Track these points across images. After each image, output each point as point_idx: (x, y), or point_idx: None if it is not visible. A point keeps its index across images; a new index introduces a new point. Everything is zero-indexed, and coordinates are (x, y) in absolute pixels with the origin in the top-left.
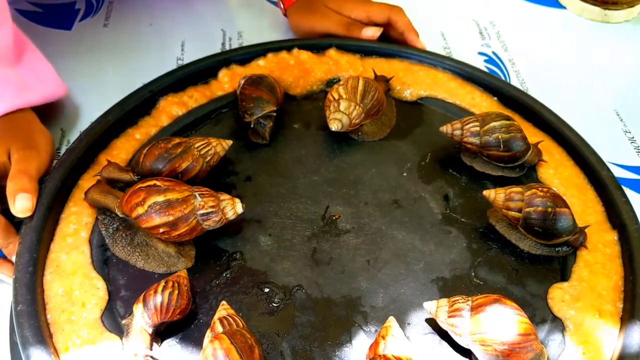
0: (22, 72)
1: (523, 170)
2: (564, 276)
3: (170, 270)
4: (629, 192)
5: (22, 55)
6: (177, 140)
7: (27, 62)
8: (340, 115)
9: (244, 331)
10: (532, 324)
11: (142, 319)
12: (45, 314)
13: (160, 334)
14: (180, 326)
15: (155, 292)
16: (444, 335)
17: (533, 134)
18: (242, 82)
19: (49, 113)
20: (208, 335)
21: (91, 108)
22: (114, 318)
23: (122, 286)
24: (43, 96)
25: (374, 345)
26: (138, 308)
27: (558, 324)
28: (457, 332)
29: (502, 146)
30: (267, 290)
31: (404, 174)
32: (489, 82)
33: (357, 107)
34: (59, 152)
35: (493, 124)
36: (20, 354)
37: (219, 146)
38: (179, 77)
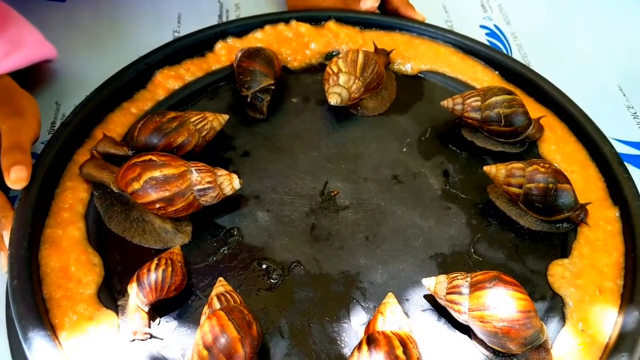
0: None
1: (524, 146)
2: (565, 253)
3: (167, 246)
4: (631, 168)
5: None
6: (172, 114)
7: (7, 30)
8: (340, 89)
9: (241, 307)
10: (532, 300)
11: (137, 299)
12: (41, 290)
13: (157, 311)
14: (178, 303)
15: (149, 270)
16: (443, 311)
17: (535, 109)
18: (239, 54)
19: (44, 85)
20: (205, 311)
21: (87, 81)
22: (111, 294)
23: (119, 262)
24: (27, 59)
25: (373, 322)
26: (132, 288)
27: (558, 300)
28: (456, 308)
29: (503, 121)
30: (265, 266)
31: (404, 150)
32: (490, 56)
33: (357, 81)
34: (54, 126)
35: (494, 98)
36: (16, 330)
37: (215, 121)
38: (175, 49)
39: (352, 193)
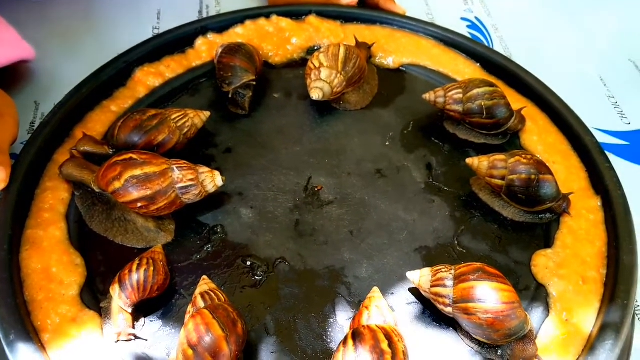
0: None
1: (506, 138)
2: (548, 243)
3: (150, 245)
4: (613, 158)
5: None
6: (152, 112)
7: None
8: (322, 83)
9: (226, 305)
10: (516, 291)
11: (120, 300)
12: (22, 292)
13: (141, 311)
14: (162, 302)
15: (130, 271)
16: (428, 304)
17: (517, 101)
18: (220, 50)
19: (22, 85)
20: (190, 310)
21: (66, 80)
22: (94, 295)
23: (101, 262)
24: (4, 60)
25: (358, 316)
26: (115, 289)
27: (542, 291)
28: (441, 301)
29: (485, 113)
30: (249, 263)
31: (387, 143)
32: (472, 49)
33: (339, 75)
34: (34, 126)
35: (476, 90)
36: None
37: (197, 117)
38: (155, 46)
39: (336, 188)
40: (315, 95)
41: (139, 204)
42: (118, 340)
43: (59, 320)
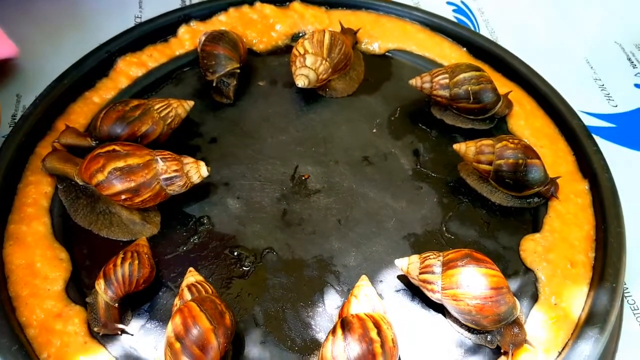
0: None
1: (493, 122)
2: (536, 227)
3: (135, 238)
4: (600, 141)
5: None
6: (135, 102)
7: None
8: (307, 70)
9: (213, 297)
10: (505, 276)
11: (105, 295)
12: (6, 288)
13: (127, 305)
14: (148, 295)
15: (115, 265)
16: (417, 291)
17: (503, 85)
18: (203, 38)
19: (3, 77)
20: (176, 303)
21: (47, 71)
22: (79, 289)
23: (86, 256)
24: None
25: (346, 304)
26: (100, 284)
27: (530, 275)
28: (429, 288)
29: (471, 98)
30: (237, 254)
31: (374, 130)
32: (458, 33)
33: (324, 62)
34: (15, 119)
35: (462, 75)
36: None
37: (180, 107)
38: (137, 35)
39: (323, 176)
40: (301, 82)
41: (123, 196)
42: (104, 335)
43: (44, 316)
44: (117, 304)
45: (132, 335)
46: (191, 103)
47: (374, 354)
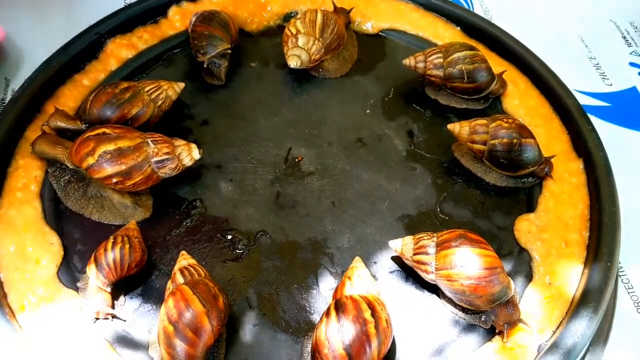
0: None
1: (488, 102)
2: (530, 207)
3: (127, 221)
4: (594, 120)
5: None
6: (125, 84)
7: None
8: (299, 51)
9: (206, 280)
10: (499, 256)
11: (97, 280)
12: None
13: (120, 288)
14: (141, 279)
15: (106, 250)
16: (411, 272)
17: (498, 64)
18: (194, 19)
19: None
20: (169, 286)
21: (36, 54)
22: (71, 273)
23: (78, 240)
24: None
25: (340, 286)
26: (91, 269)
27: (525, 255)
28: (423, 268)
29: (466, 77)
30: (230, 237)
31: (368, 111)
32: (452, 12)
33: (317, 42)
34: (4, 102)
35: (457, 54)
36: None
37: (171, 89)
38: (127, 17)
39: (317, 158)
40: (293, 63)
41: (114, 180)
42: (97, 319)
43: (36, 300)
44: (109, 289)
45: (124, 320)
46: (182, 85)
47: (368, 334)
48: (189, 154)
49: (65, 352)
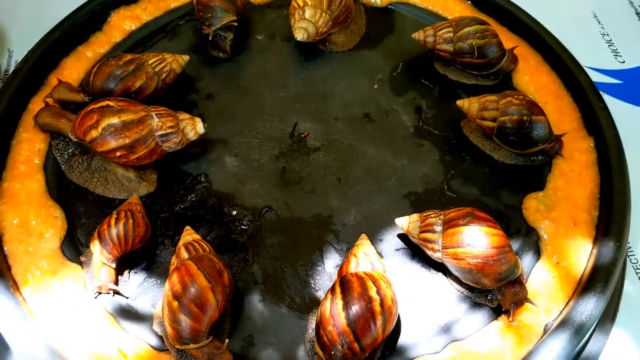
0: None
1: (498, 78)
2: (539, 186)
3: (131, 196)
4: (606, 97)
5: None
6: (128, 56)
7: None
8: (306, 23)
9: (211, 256)
10: (507, 235)
11: (102, 256)
12: (1, 246)
13: (124, 263)
14: (145, 254)
15: (109, 225)
16: (417, 250)
17: (508, 39)
18: None
19: None
20: (173, 262)
21: (39, 26)
22: (75, 247)
23: (82, 214)
24: None
25: (346, 263)
26: (95, 245)
27: (533, 234)
28: (430, 247)
29: (476, 53)
30: (234, 212)
31: (375, 86)
32: None
33: (324, 15)
34: (7, 74)
35: (467, 29)
36: None
37: (175, 62)
38: None
39: (323, 134)
40: (300, 35)
41: (118, 153)
42: (99, 294)
43: (40, 274)
44: (114, 265)
45: (127, 297)
46: (186, 58)
47: (373, 312)
48: (194, 128)
49: (68, 325)
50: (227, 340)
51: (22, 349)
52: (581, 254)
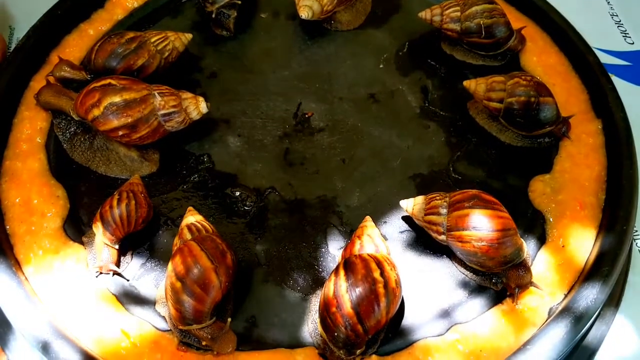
0: None
1: (505, 59)
2: (546, 168)
3: (133, 175)
4: (614, 79)
5: None
6: (130, 34)
7: None
8: (311, 1)
9: (214, 237)
10: (512, 218)
11: (104, 237)
12: (3, 226)
13: (127, 244)
14: (148, 234)
15: (111, 206)
16: (422, 233)
17: (516, 19)
18: None
19: None
20: (176, 243)
21: (41, 3)
22: (77, 227)
23: (84, 193)
24: None
25: (350, 246)
26: (98, 227)
27: (539, 217)
28: (434, 229)
29: (483, 32)
30: (238, 193)
31: (381, 66)
32: None
33: None
34: (9, 51)
35: (474, 8)
36: None
37: (178, 40)
38: None
39: (327, 114)
40: (305, 14)
41: (120, 132)
42: (100, 274)
43: (42, 253)
44: (117, 246)
45: (127, 280)
46: (189, 36)
47: (377, 294)
48: (197, 107)
49: (71, 305)
50: (229, 320)
51: (24, 328)
52: (587, 237)
